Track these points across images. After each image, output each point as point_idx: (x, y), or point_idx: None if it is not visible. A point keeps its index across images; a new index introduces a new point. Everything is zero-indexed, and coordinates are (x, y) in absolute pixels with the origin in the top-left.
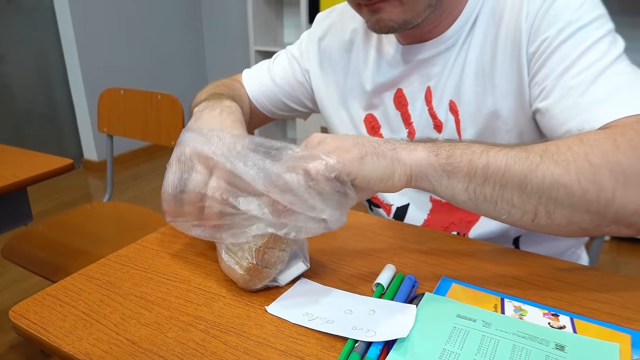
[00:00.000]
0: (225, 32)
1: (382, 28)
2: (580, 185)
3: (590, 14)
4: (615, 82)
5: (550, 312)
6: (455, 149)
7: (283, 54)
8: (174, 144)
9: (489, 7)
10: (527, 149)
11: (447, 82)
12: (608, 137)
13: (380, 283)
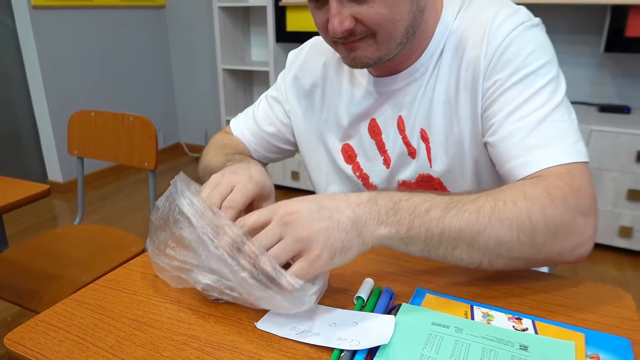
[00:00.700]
0: (192, 52)
1: (357, 64)
2: (519, 241)
3: (538, 62)
4: (552, 130)
5: (514, 316)
6: (415, 219)
7: (264, 99)
8: (147, 165)
9: (452, 43)
10: (479, 208)
11: (417, 112)
12: (544, 191)
13: (360, 296)
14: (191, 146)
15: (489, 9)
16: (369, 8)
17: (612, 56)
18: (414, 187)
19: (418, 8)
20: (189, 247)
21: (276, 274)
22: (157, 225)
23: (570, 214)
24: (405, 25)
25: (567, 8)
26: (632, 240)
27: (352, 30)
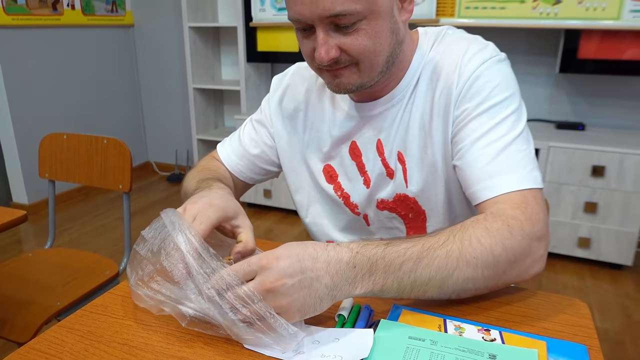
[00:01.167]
0: (161, 71)
1: (341, 90)
2: (484, 276)
3: (502, 95)
4: (512, 158)
5: (483, 328)
6: (389, 276)
7: (249, 123)
8: (122, 188)
9: (428, 73)
10: (448, 253)
11: (395, 135)
12: (504, 224)
13: (341, 314)
14: (161, 165)
15: (461, 43)
16: (353, 39)
17: (567, 76)
18: (391, 205)
19: (397, 40)
20: (177, 283)
21: (276, 322)
22: (142, 257)
23: (527, 241)
24: (386, 55)
25: (525, 31)
26: (590, 250)
27: (337, 58)
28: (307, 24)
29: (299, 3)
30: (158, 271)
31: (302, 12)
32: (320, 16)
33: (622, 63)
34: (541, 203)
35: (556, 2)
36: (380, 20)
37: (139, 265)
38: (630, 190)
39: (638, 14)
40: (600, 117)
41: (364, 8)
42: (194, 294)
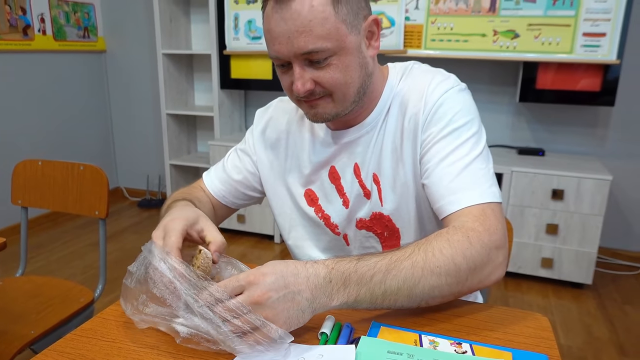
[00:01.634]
0: (133, 96)
1: (318, 119)
2: (448, 284)
3: (463, 119)
4: (473, 176)
5: (455, 341)
6: (361, 288)
7: (233, 152)
8: (98, 214)
9: (397, 102)
10: (413, 264)
11: (370, 159)
12: (464, 236)
13: (324, 332)
14: (132, 190)
15: (427, 75)
16: (325, 73)
17: (527, 105)
18: (369, 224)
19: (366, 73)
20: (169, 306)
21: (266, 327)
22: (133, 289)
23: (486, 250)
24: (357, 87)
25: (487, 63)
26: (553, 270)
27: (313, 90)
28: (285, 61)
29: (277, 43)
30: (150, 298)
31: (280, 51)
32: (295, 54)
33: (576, 93)
34: (499, 216)
35: (514, 36)
36: (349, 56)
37: (132, 297)
38: (588, 212)
39: (589, 49)
40: (558, 144)
41: (334, 45)
42: (187, 312)
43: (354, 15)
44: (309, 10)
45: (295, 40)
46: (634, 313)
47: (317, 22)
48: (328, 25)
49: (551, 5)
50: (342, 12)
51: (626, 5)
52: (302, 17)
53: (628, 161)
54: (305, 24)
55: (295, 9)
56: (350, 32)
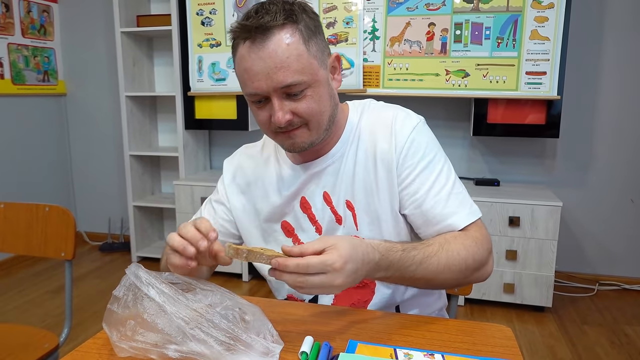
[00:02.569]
0: (94, 138)
1: (296, 148)
2: (456, 278)
3: (433, 151)
4: (458, 200)
5: (428, 353)
6: (396, 272)
7: (208, 203)
8: (64, 255)
9: (366, 134)
10: (439, 261)
11: (341, 187)
12: (474, 242)
13: (304, 351)
14: (93, 234)
15: (388, 110)
16: (302, 104)
17: (480, 138)
18: None
19: (335, 103)
20: (160, 331)
21: (255, 342)
22: (119, 314)
23: (486, 254)
24: (329, 114)
25: (442, 100)
26: (515, 295)
27: (291, 121)
28: (263, 96)
29: (257, 80)
30: (139, 324)
31: (260, 87)
32: (275, 88)
33: (524, 126)
34: (484, 227)
35: (465, 75)
36: (321, 87)
37: (119, 323)
38: (543, 237)
39: (532, 86)
40: (512, 174)
41: (309, 79)
42: (179, 336)
43: (321, 52)
44: (285, 49)
45: (274, 75)
46: (592, 333)
47: (293, 58)
48: (303, 61)
49: (496, 47)
50: (312, 49)
51: (562, 47)
52: (279, 55)
53: (575, 189)
54: (283, 61)
55: (272, 49)
56: (320, 67)
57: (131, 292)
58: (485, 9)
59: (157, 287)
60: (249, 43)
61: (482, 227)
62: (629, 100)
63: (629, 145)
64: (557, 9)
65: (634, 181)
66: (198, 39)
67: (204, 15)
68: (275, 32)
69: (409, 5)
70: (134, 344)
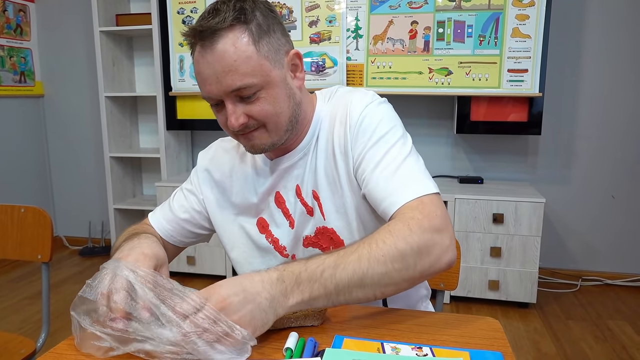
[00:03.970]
0: (73, 140)
1: (256, 150)
2: (396, 269)
3: (385, 128)
4: (406, 175)
5: (416, 346)
6: (314, 284)
7: (179, 192)
8: (41, 258)
9: (326, 123)
10: (359, 256)
11: (308, 179)
12: (404, 224)
13: (289, 347)
14: (72, 239)
15: (347, 95)
16: (255, 106)
17: (463, 136)
18: (314, 240)
19: (295, 103)
20: (135, 318)
21: (231, 329)
22: (91, 300)
23: (427, 234)
24: (287, 116)
25: (425, 98)
26: (500, 292)
27: (246, 124)
28: (217, 100)
29: (207, 84)
30: (114, 310)
31: (211, 91)
32: (225, 92)
33: (507, 124)
34: (437, 203)
35: (448, 73)
36: (276, 89)
37: (90, 309)
38: (527, 234)
39: (514, 83)
40: (495, 172)
41: (260, 80)
42: (161, 327)
43: (275, 51)
44: (233, 52)
45: (223, 79)
46: (577, 327)
47: (242, 61)
48: (252, 63)
49: (478, 45)
50: (263, 50)
51: (543, 44)
52: (226, 58)
53: (557, 185)
54: (231, 64)
55: (219, 52)
56: (274, 67)
57: (106, 280)
58: (467, 7)
59: (138, 273)
60: (199, 47)
61: (429, 205)
62: (608, 97)
63: (609, 142)
64: (538, 7)
65: (614, 177)
66: (179, 38)
67: (185, 13)
68: (222, 34)
69: (392, 3)
70: (106, 330)
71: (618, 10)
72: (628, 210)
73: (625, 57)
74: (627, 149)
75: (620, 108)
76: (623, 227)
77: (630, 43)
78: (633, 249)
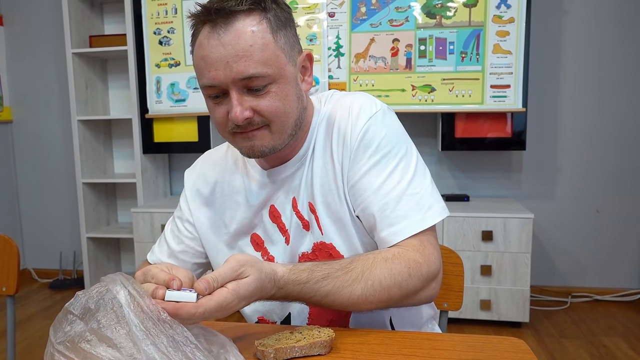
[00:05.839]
0: (44, 167)
1: (255, 153)
2: (377, 307)
3: (389, 145)
4: (409, 203)
5: None
6: (299, 300)
7: (171, 221)
8: (6, 290)
9: (323, 128)
10: (352, 292)
11: (305, 190)
12: (405, 267)
13: None
14: (42, 271)
15: (347, 98)
16: (265, 101)
17: (447, 154)
18: (311, 257)
19: (302, 106)
20: (114, 344)
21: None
22: (75, 316)
23: (422, 282)
24: (294, 118)
25: (408, 115)
26: (492, 312)
27: (251, 119)
28: (220, 89)
29: (214, 69)
30: (90, 331)
31: (216, 77)
32: (234, 79)
33: (491, 140)
34: (434, 243)
35: (431, 90)
36: (288, 85)
37: (68, 324)
38: (517, 251)
39: (497, 99)
40: (480, 189)
41: (274, 72)
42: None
43: (291, 46)
44: (249, 36)
45: (234, 64)
46: (572, 346)
47: (258, 47)
48: (268, 52)
49: (460, 61)
50: (280, 41)
51: (524, 60)
52: (242, 41)
53: (542, 201)
54: (246, 49)
55: (234, 34)
56: (289, 62)
57: (97, 295)
58: (448, 24)
59: (134, 291)
60: (208, 27)
61: (428, 247)
62: (590, 112)
63: (591, 157)
64: (518, 23)
65: (598, 192)
66: (156, 59)
67: (161, 34)
68: (239, 16)
69: (373, 21)
70: (73, 355)
71: (596, 25)
72: (614, 224)
73: (605, 71)
74: (611, 163)
75: (603, 122)
76: (610, 241)
77: (609, 57)
78: (620, 264)
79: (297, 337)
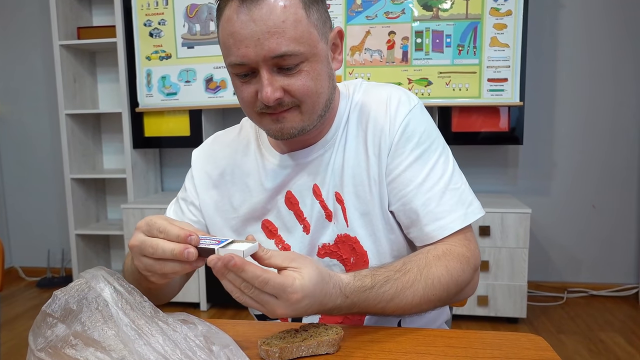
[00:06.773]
0: (30, 163)
1: (284, 134)
2: (435, 306)
3: (429, 140)
4: (453, 198)
5: None
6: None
7: (174, 203)
8: None
9: (355, 115)
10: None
11: (331, 178)
12: (458, 262)
13: None
14: (29, 269)
15: (383, 88)
16: (296, 80)
17: None
18: (333, 249)
19: (333, 85)
20: (102, 347)
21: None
22: (55, 318)
23: (471, 274)
24: (325, 98)
25: None
26: (489, 307)
27: (281, 100)
28: (250, 68)
29: (244, 46)
30: (74, 334)
31: (247, 55)
32: (265, 57)
33: (488, 134)
34: (474, 237)
35: (428, 83)
36: (320, 64)
37: (48, 328)
38: (514, 246)
39: (494, 93)
40: (476, 184)
41: (307, 50)
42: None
43: (323, 22)
44: (281, 11)
45: (266, 42)
46: (570, 342)
47: (290, 23)
48: (301, 28)
49: (457, 54)
50: (313, 17)
51: (521, 53)
52: (274, 17)
53: (538, 197)
54: (278, 25)
55: (266, 9)
56: (321, 39)
57: (78, 295)
58: (445, 17)
59: (115, 290)
60: (237, 2)
61: (472, 239)
62: (587, 107)
63: (587, 152)
64: (515, 16)
65: (594, 187)
66: (146, 51)
67: (152, 26)
68: None
69: (368, 14)
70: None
71: (593, 19)
72: (610, 219)
73: (602, 65)
74: (607, 158)
75: (599, 117)
76: (605, 236)
77: (606, 51)
78: (616, 259)
79: (303, 336)
